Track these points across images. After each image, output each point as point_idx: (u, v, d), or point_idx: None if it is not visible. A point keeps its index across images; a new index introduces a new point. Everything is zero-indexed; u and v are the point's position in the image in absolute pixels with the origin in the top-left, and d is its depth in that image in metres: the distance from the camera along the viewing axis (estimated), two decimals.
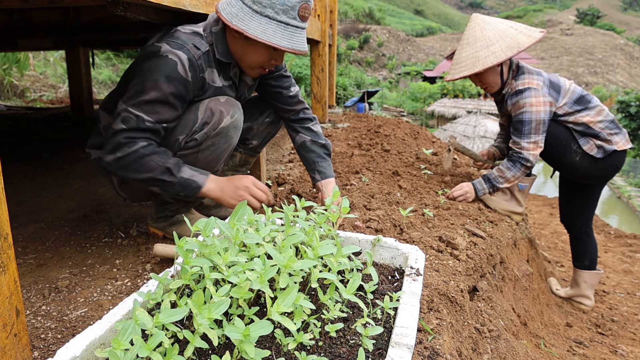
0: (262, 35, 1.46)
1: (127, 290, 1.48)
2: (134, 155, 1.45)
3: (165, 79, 1.44)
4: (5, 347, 0.90)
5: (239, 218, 1.08)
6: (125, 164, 1.46)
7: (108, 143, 1.48)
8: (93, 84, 8.09)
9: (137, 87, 1.45)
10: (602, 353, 2.23)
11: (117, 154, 1.45)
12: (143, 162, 1.46)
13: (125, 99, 1.48)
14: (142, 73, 1.46)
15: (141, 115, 1.45)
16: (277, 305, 0.84)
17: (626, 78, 44.49)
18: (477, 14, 2.40)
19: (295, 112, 1.94)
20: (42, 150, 3.49)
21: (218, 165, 1.69)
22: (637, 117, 18.00)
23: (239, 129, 1.66)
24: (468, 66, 2.28)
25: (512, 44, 2.20)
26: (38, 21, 2.86)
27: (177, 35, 1.50)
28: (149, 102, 1.45)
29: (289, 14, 1.48)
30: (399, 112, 22.55)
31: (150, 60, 1.46)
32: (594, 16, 72.15)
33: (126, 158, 1.45)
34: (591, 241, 2.60)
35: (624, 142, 2.32)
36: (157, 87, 1.44)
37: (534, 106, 2.21)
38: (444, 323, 1.22)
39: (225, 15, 1.49)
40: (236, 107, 1.63)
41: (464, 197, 2.37)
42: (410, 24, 78.64)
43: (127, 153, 1.45)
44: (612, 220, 11.97)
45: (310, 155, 1.95)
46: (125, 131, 1.45)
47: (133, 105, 1.45)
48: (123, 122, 1.45)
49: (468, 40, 2.33)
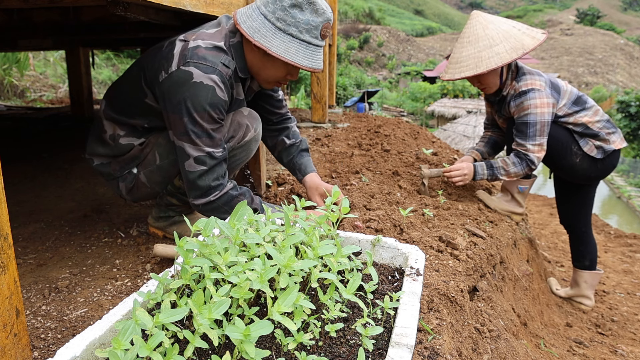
0: (285, 54, 1.45)
1: (127, 290, 1.48)
2: (224, 198, 1.55)
3: (210, 106, 1.45)
4: (5, 347, 0.90)
5: (239, 218, 1.08)
6: (216, 207, 1.55)
7: (193, 188, 1.53)
8: (93, 84, 8.08)
9: (187, 121, 1.45)
10: (602, 353, 2.23)
11: (209, 198, 1.53)
12: (232, 204, 1.55)
13: (179, 135, 1.48)
14: (183, 104, 1.44)
15: (210, 151, 1.49)
16: (277, 305, 0.84)
17: (626, 78, 44.49)
18: (478, 12, 2.32)
19: (279, 115, 1.96)
20: (42, 150, 3.49)
21: (231, 175, 1.73)
22: (637, 117, 18.01)
23: (259, 141, 1.73)
24: (470, 66, 2.19)
25: (516, 45, 2.14)
26: (38, 21, 2.85)
27: (203, 55, 1.45)
28: (207, 134, 1.47)
29: (312, 33, 1.48)
30: (399, 112, 22.55)
31: (187, 89, 1.43)
32: (594, 16, 72.16)
33: (217, 201, 1.54)
34: (591, 241, 2.59)
35: (620, 141, 2.32)
36: (207, 116, 1.45)
37: (538, 107, 2.17)
38: (444, 323, 1.22)
39: (246, 29, 1.46)
40: (258, 121, 1.69)
41: (461, 179, 2.33)
42: (410, 24, 78.65)
43: (218, 197, 1.54)
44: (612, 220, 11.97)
45: (289, 157, 1.97)
46: (208, 172, 1.50)
47: (194, 142, 1.47)
48: (199, 163, 1.49)
49: (469, 39, 2.24)
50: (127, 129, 1.65)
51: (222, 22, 1.58)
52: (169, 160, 1.63)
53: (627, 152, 19.78)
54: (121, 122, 1.64)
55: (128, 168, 1.70)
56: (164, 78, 1.47)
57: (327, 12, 1.49)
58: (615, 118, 18.86)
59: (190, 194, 1.55)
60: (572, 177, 2.43)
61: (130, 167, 1.69)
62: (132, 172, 1.70)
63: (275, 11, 1.44)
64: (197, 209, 1.58)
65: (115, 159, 1.70)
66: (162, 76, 1.47)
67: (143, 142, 1.67)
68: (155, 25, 2.67)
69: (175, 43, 1.52)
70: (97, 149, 1.71)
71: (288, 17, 1.44)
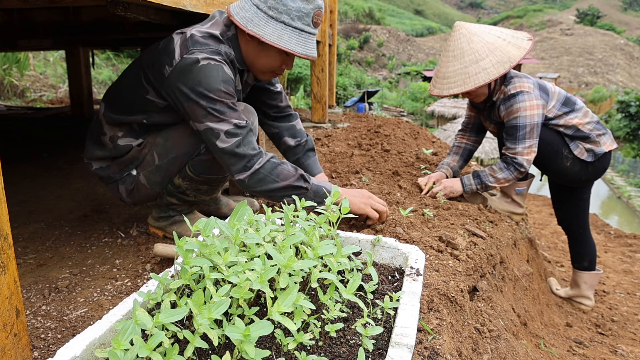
0: (279, 41, 1.47)
1: (127, 290, 1.48)
2: (269, 166, 1.51)
3: (224, 83, 1.45)
4: (5, 347, 0.90)
5: (239, 218, 1.08)
6: (263, 177, 1.51)
7: (233, 162, 1.48)
8: (93, 84, 8.09)
9: (206, 103, 1.43)
10: (602, 353, 2.23)
11: (253, 168, 1.49)
12: (278, 171, 1.52)
13: (201, 118, 1.45)
14: (197, 88, 1.43)
15: (237, 122, 1.46)
16: (277, 305, 0.84)
17: (626, 78, 44.49)
18: (461, 23, 2.27)
19: (279, 110, 1.94)
20: (42, 150, 3.49)
21: None
22: (637, 117, 18.01)
23: (256, 135, 1.70)
24: (458, 83, 2.17)
25: (503, 58, 2.11)
26: (38, 21, 2.86)
27: (202, 41, 1.47)
28: (229, 107, 1.46)
29: (303, 20, 1.49)
30: (399, 112, 22.56)
31: (196, 73, 1.42)
32: (594, 16, 72.17)
33: (262, 170, 1.50)
34: (589, 242, 2.59)
35: (611, 143, 2.31)
36: (223, 93, 1.45)
37: (528, 110, 2.16)
38: (444, 323, 1.22)
39: (240, 19, 1.48)
40: (254, 115, 1.66)
41: (445, 193, 2.31)
42: (410, 24, 78.65)
43: (262, 164, 1.50)
44: (612, 220, 11.98)
45: (295, 157, 1.96)
46: (243, 142, 1.47)
47: (219, 119, 1.45)
48: (230, 136, 1.46)
49: (454, 54, 2.21)
50: (126, 130, 1.65)
51: (215, 16, 1.60)
52: (168, 160, 1.63)
53: (627, 152, 19.78)
54: (120, 122, 1.64)
55: (127, 170, 1.70)
56: (170, 71, 1.46)
57: (317, 0, 1.51)
58: (615, 118, 18.85)
59: (233, 170, 1.50)
60: (564, 180, 2.42)
61: (129, 169, 1.69)
62: (131, 174, 1.70)
63: (267, 0, 1.47)
64: (243, 186, 1.53)
65: (114, 162, 1.70)
66: (168, 71, 1.47)
67: (141, 143, 1.66)
68: (155, 25, 2.67)
69: (172, 38, 1.53)
70: (95, 152, 1.70)
71: (279, 5, 1.46)
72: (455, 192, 2.35)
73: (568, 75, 43.73)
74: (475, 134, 2.62)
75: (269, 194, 1.55)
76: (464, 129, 2.65)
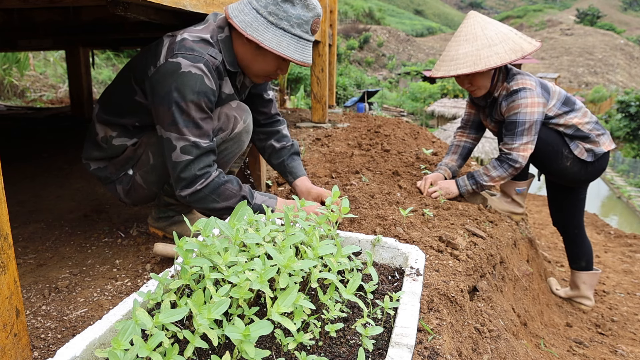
0: (277, 47, 1.47)
1: (127, 290, 1.48)
2: (211, 186, 1.50)
3: (198, 95, 1.44)
4: (5, 347, 0.90)
5: (239, 218, 1.08)
6: (203, 196, 1.51)
7: (179, 179, 1.49)
8: (93, 84, 8.08)
9: (175, 110, 1.44)
10: (602, 353, 2.23)
11: (195, 187, 1.49)
12: (219, 191, 1.51)
13: (166, 126, 1.46)
14: (171, 94, 1.43)
15: (196, 140, 1.46)
16: (277, 306, 0.84)
17: (626, 78, 44.49)
18: (475, 12, 2.31)
19: (267, 116, 1.95)
20: (42, 150, 3.49)
21: (226, 169, 1.71)
22: (637, 117, 18.02)
23: (250, 133, 1.70)
24: (468, 64, 2.16)
25: (515, 47, 2.14)
26: (38, 21, 2.86)
27: (189, 45, 1.47)
28: (195, 123, 1.46)
29: (302, 27, 1.51)
30: (399, 112, 22.56)
31: (174, 79, 1.43)
32: (594, 16, 72.16)
33: (203, 190, 1.50)
34: (585, 242, 2.59)
35: (609, 143, 2.31)
36: (194, 105, 1.44)
37: (529, 107, 2.16)
38: (444, 323, 1.22)
39: (239, 22, 1.48)
40: (247, 112, 1.67)
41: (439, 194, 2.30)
42: (410, 24, 78.64)
43: (204, 185, 1.49)
44: (612, 220, 11.98)
45: (279, 160, 1.96)
46: (193, 162, 1.47)
47: (181, 132, 1.45)
48: (185, 152, 1.46)
49: (467, 37, 2.22)
50: (119, 130, 1.66)
51: (209, 19, 1.61)
52: (163, 159, 1.63)
53: (627, 152, 19.77)
54: (112, 123, 1.65)
55: (124, 170, 1.71)
56: (153, 72, 1.48)
57: (317, 8, 1.53)
58: (615, 118, 18.84)
59: (177, 186, 1.52)
60: (563, 180, 2.42)
61: (125, 169, 1.71)
62: (127, 174, 1.71)
63: (267, 5, 1.47)
64: (184, 201, 1.54)
65: (111, 162, 1.71)
66: (151, 71, 1.49)
67: (136, 143, 1.68)
68: (155, 25, 2.67)
69: (162, 40, 1.54)
70: (92, 153, 1.72)
71: (280, 11, 1.47)
72: (451, 194, 2.35)
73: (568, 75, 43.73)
74: (475, 132, 2.62)
75: (209, 212, 1.55)
76: (464, 126, 2.65)
